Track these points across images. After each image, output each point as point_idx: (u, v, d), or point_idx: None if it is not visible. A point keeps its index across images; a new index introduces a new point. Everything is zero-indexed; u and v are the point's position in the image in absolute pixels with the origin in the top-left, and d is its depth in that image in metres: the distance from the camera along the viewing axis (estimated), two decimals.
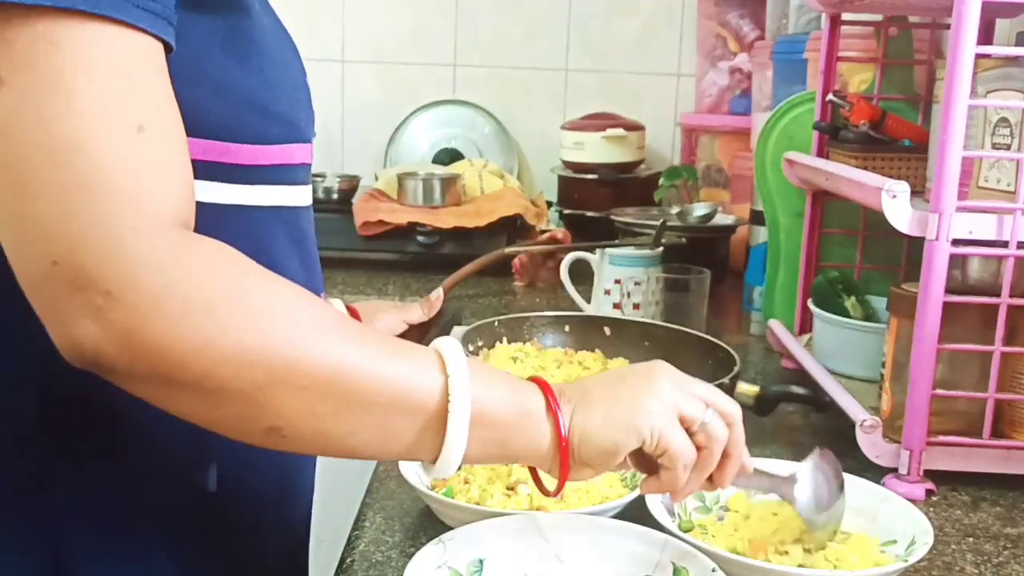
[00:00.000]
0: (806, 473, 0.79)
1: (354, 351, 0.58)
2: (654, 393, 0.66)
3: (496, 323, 1.25)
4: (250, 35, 0.65)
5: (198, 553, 0.71)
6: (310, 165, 0.77)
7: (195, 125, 0.60)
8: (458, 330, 1.19)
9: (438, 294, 1.14)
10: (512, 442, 0.64)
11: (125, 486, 0.67)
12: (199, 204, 0.60)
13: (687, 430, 0.67)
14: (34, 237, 0.52)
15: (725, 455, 0.69)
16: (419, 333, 1.16)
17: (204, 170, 0.63)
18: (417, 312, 1.16)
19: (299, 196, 0.74)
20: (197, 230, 0.58)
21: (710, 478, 0.70)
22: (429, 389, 0.60)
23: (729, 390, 1.08)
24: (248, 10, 0.65)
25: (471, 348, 1.19)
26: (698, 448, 0.67)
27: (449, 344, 0.63)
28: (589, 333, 1.26)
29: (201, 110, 0.62)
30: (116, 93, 0.53)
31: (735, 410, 0.70)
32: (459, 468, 0.63)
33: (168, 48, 0.57)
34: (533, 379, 0.67)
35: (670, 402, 0.66)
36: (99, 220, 0.52)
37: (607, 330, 1.26)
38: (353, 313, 1.06)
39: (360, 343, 0.59)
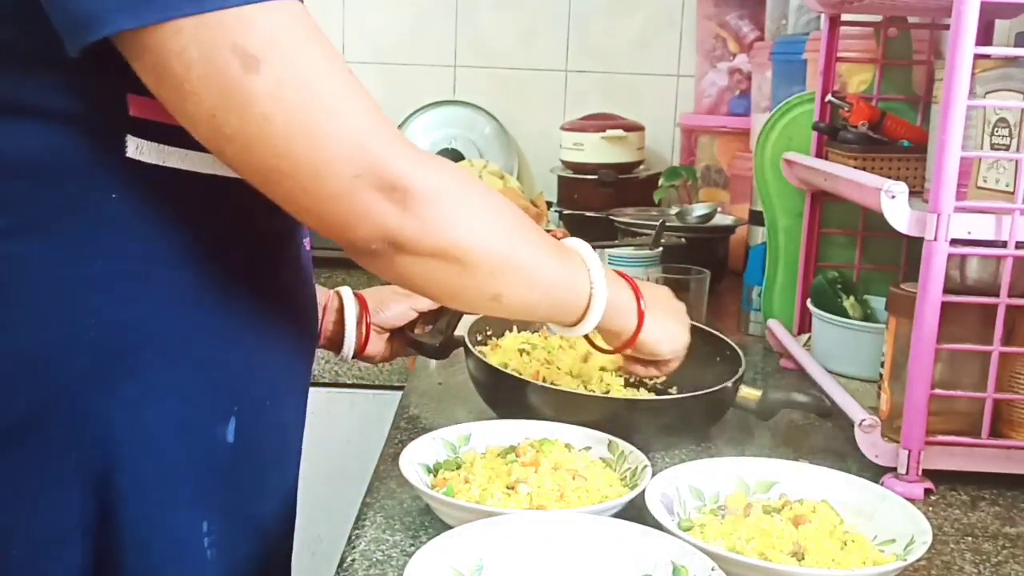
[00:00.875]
0: None
1: (544, 252, 0.83)
2: (685, 333, 1.01)
3: None
4: None
5: (220, 501, 0.79)
6: None
7: None
8: (468, 318, 1.18)
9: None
10: (616, 321, 0.93)
11: (157, 431, 0.74)
12: (201, 176, 0.73)
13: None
14: (336, 168, 0.67)
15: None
16: (431, 318, 1.16)
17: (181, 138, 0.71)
18: (427, 300, 1.17)
19: None
20: (200, 201, 0.74)
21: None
22: (583, 283, 0.87)
23: (731, 394, 1.08)
24: None
25: (479, 337, 1.19)
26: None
27: (584, 247, 0.90)
28: None
29: None
30: (330, 50, 0.68)
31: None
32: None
33: None
34: (627, 280, 0.95)
35: (683, 340, 1.02)
36: (378, 141, 0.69)
37: None
38: (361, 300, 1.13)
39: (548, 247, 0.84)
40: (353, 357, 1.14)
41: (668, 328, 0.98)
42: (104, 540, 0.73)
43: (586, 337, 0.97)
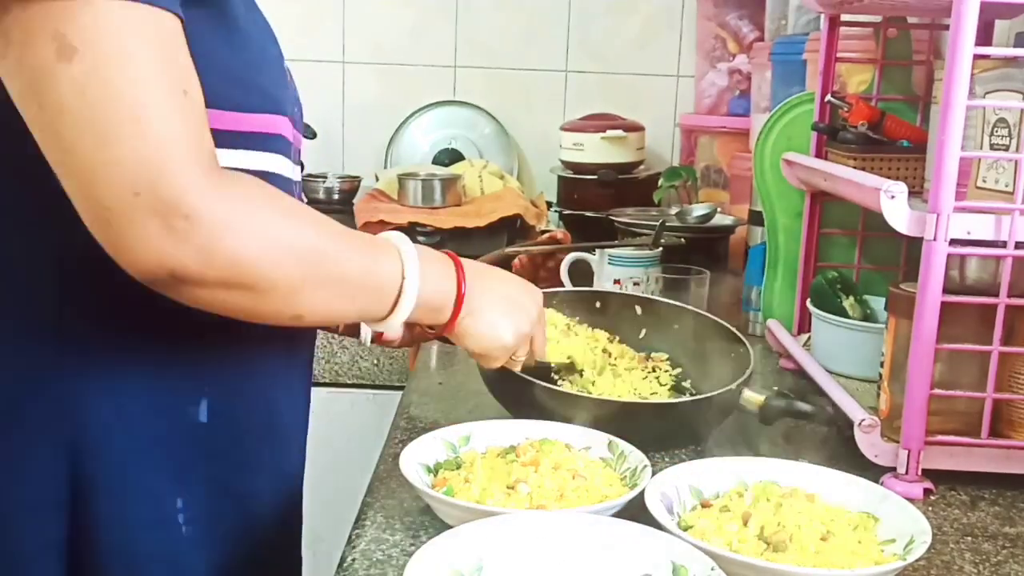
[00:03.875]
0: None
1: (354, 255, 0.78)
2: (512, 339, 0.93)
3: None
4: (234, 20, 0.76)
5: (195, 480, 0.81)
6: (293, 144, 0.86)
7: None
8: None
9: None
10: (429, 314, 0.86)
11: (127, 412, 0.77)
12: None
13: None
14: (114, 174, 0.64)
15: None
16: None
17: None
18: None
19: (285, 166, 0.84)
20: None
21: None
22: (393, 282, 0.81)
23: (735, 397, 1.07)
24: (230, 3, 0.76)
25: None
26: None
27: (403, 241, 0.83)
28: (621, 312, 1.24)
29: None
30: (166, 63, 0.66)
31: (540, 353, 1.01)
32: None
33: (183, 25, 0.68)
34: (451, 257, 0.89)
35: (520, 339, 0.94)
36: (171, 160, 0.64)
37: (638, 309, 1.25)
38: None
39: (355, 248, 0.78)
40: (372, 342, 1.11)
41: (485, 324, 0.91)
42: (79, 515, 0.76)
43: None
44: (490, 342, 0.92)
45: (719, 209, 1.94)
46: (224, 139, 0.74)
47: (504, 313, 0.92)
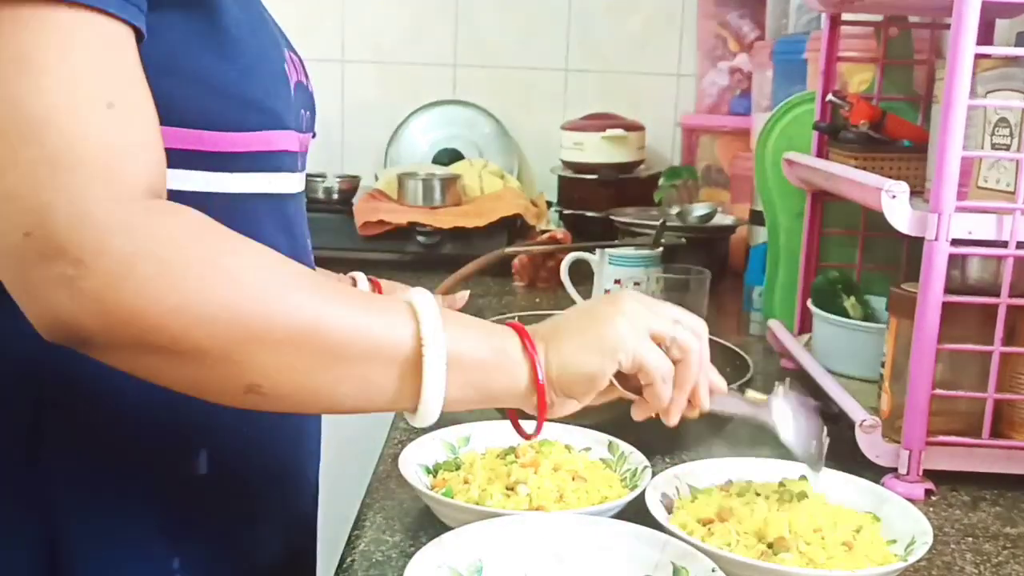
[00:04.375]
0: (779, 399, 0.82)
1: (328, 305, 0.60)
2: (623, 314, 0.69)
3: (515, 319, 1.20)
4: (225, 28, 0.66)
5: (194, 536, 0.73)
6: (297, 153, 0.78)
7: (171, 115, 0.62)
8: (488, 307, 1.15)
9: (463, 296, 1.04)
10: (491, 384, 0.66)
11: (113, 467, 0.68)
12: (180, 193, 0.62)
13: (659, 346, 0.70)
14: (4, 211, 0.53)
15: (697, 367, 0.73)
16: (451, 304, 1.12)
17: (182, 159, 0.65)
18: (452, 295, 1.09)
19: (284, 183, 0.75)
20: None
21: (690, 400, 0.73)
22: (402, 336, 0.61)
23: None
24: (218, 5, 0.66)
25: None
26: (674, 362, 0.71)
27: (420, 293, 0.64)
28: None
29: (178, 100, 0.64)
30: (86, 72, 0.55)
31: (702, 325, 0.73)
32: (440, 414, 0.63)
33: (140, 34, 0.59)
34: (508, 323, 0.69)
35: (640, 322, 0.69)
36: (68, 191, 0.53)
37: None
38: (376, 286, 1.07)
39: (334, 298, 0.60)
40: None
41: (575, 341, 0.68)
42: None
43: (511, 418, 0.75)
44: (605, 348, 0.68)
45: (720, 209, 1.94)
46: (217, 162, 0.67)
47: (591, 320, 0.69)
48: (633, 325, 0.68)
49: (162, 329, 0.55)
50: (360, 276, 1.05)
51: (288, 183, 0.77)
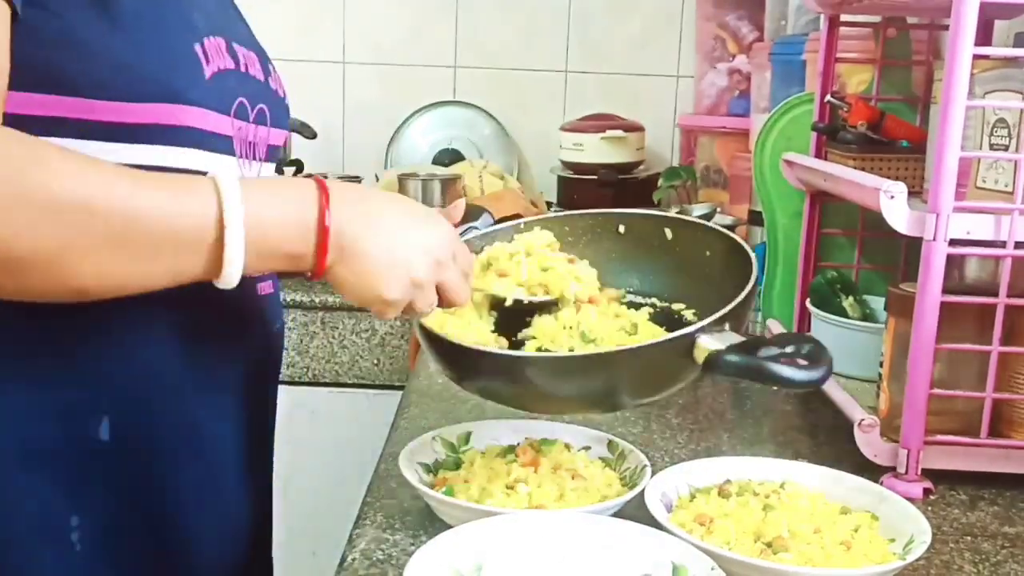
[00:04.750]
0: None
1: (143, 200, 0.62)
2: (399, 289, 0.72)
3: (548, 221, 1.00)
4: (120, 7, 0.68)
5: (96, 496, 0.73)
6: (222, 136, 0.76)
7: (64, 85, 0.66)
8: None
9: (459, 205, 0.94)
10: (283, 261, 0.69)
11: (21, 426, 0.70)
12: None
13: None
14: None
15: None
16: None
17: (76, 128, 0.67)
18: None
19: (201, 161, 0.74)
20: None
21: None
22: (206, 223, 0.64)
23: (686, 348, 0.78)
24: None
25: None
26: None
27: (224, 172, 0.67)
28: (647, 235, 0.99)
29: (71, 72, 0.66)
30: None
31: (462, 301, 0.78)
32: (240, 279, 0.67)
33: (14, 12, 0.62)
34: (316, 181, 0.70)
35: (408, 296, 0.74)
36: None
37: (668, 232, 0.98)
38: None
39: (145, 192, 0.63)
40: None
41: (363, 272, 0.71)
42: None
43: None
44: (371, 294, 0.72)
45: (719, 209, 1.94)
46: (111, 133, 0.68)
47: (391, 254, 0.72)
48: (405, 292, 0.73)
49: None
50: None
51: (209, 162, 0.75)
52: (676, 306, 0.94)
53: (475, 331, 0.88)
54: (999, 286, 0.93)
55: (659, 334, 0.87)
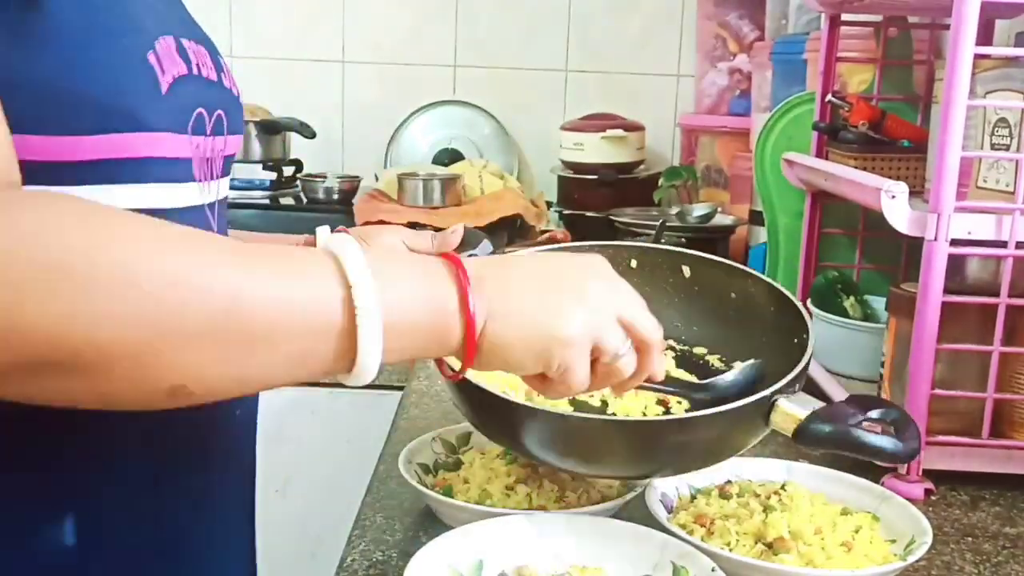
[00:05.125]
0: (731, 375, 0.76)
1: (244, 280, 0.52)
2: (576, 318, 0.62)
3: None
4: (47, 12, 0.55)
5: None
6: (184, 160, 0.64)
7: None
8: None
9: (457, 231, 0.88)
10: (426, 344, 0.60)
11: None
12: None
13: (596, 359, 0.64)
14: None
15: (632, 378, 0.67)
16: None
17: (32, 173, 0.54)
18: (425, 241, 0.88)
19: (163, 196, 0.62)
20: None
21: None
22: (331, 305, 0.54)
23: (764, 411, 0.74)
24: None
25: None
26: (598, 372, 0.65)
27: (344, 245, 0.56)
28: (661, 272, 0.93)
29: None
30: None
31: (655, 339, 0.66)
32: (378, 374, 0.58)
33: None
34: (446, 256, 0.61)
35: (591, 330, 0.62)
36: None
37: (686, 270, 0.92)
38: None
39: (248, 269, 0.52)
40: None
41: (521, 314, 0.61)
42: None
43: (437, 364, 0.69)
44: (543, 339, 0.61)
45: (719, 209, 1.94)
46: (55, 174, 0.55)
47: (549, 296, 0.62)
48: (582, 335, 0.62)
49: (54, 339, 0.46)
50: (323, 229, 0.86)
51: (173, 196, 0.63)
52: (698, 350, 0.88)
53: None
54: (1000, 286, 0.93)
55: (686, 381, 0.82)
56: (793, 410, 0.72)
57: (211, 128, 0.68)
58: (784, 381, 0.73)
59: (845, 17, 1.28)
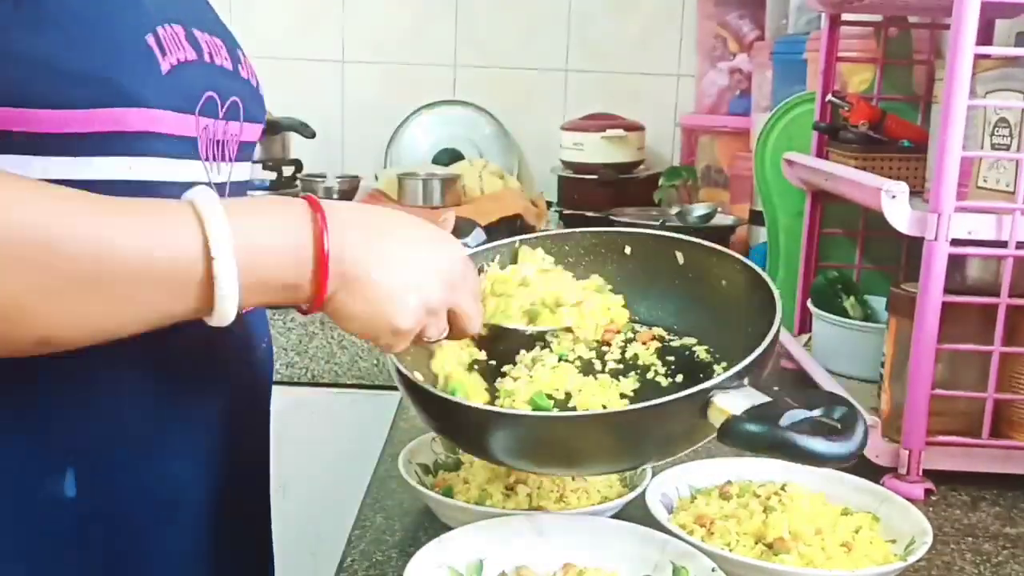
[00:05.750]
0: None
1: (104, 230, 0.54)
2: (412, 315, 0.66)
3: (543, 238, 0.92)
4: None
5: (68, 564, 0.65)
6: (191, 139, 0.68)
7: None
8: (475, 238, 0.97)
9: (448, 219, 0.87)
10: (284, 286, 0.61)
11: None
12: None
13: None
14: None
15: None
16: None
17: (19, 143, 0.58)
18: None
19: (166, 170, 0.66)
20: None
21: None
22: (189, 253, 0.56)
23: (695, 409, 0.69)
24: None
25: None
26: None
27: (200, 192, 0.59)
28: (655, 258, 0.90)
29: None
30: None
31: (470, 333, 0.74)
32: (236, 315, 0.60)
33: None
34: (307, 199, 0.63)
35: (420, 324, 0.67)
36: None
37: (679, 256, 0.89)
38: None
39: (109, 220, 0.54)
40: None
41: (370, 299, 0.64)
42: None
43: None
44: (380, 323, 0.65)
45: (719, 209, 1.94)
46: (53, 145, 0.58)
47: (400, 278, 0.65)
48: (415, 320, 0.66)
49: None
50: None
51: (174, 170, 0.66)
52: (686, 340, 0.86)
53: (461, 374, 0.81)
54: (1000, 286, 0.93)
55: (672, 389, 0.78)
56: (726, 405, 0.66)
57: (224, 112, 0.72)
58: (723, 376, 0.68)
59: (845, 17, 1.28)
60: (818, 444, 0.62)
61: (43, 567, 0.64)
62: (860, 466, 0.96)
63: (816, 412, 0.66)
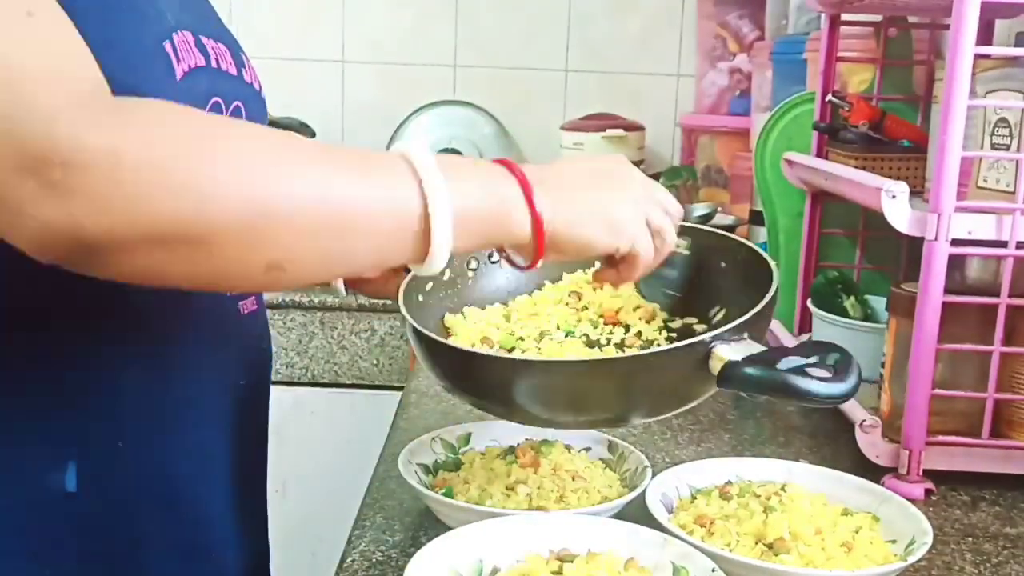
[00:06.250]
0: None
1: (332, 175, 0.58)
2: (634, 200, 0.71)
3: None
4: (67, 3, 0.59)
5: (68, 557, 0.66)
6: None
7: None
8: None
9: None
10: (494, 232, 0.65)
11: None
12: None
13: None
14: None
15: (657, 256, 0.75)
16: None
17: None
18: None
19: None
20: None
21: None
22: (408, 200, 0.60)
23: (700, 357, 0.72)
24: None
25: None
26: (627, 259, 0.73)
27: (413, 148, 0.62)
28: None
29: None
30: None
31: (679, 212, 0.76)
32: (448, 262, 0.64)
33: None
34: (501, 162, 0.67)
35: (642, 209, 0.71)
36: (23, 102, 0.49)
37: (682, 242, 0.89)
38: None
39: (337, 166, 0.59)
40: (346, 288, 0.93)
41: (585, 204, 0.68)
42: None
43: (503, 257, 0.74)
44: (603, 222, 0.68)
45: (719, 209, 1.93)
46: None
47: (602, 187, 0.70)
48: (637, 213, 0.71)
49: (170, 214, 0.51)
50: None
51: None
52: (687, 320, 0.87)
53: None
54: (1001, 286, 0.93)
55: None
56: (726, 354, 0.70)
57: (228, 116, 0.74)
58: (728, 327, 0.71)
59: (845, 17, 1.28)
60: (815, 385, 0.66)
61: (43, 561, 0.65)
62: (860, 466, 0.96)
63: (812, 359, 0.69)
